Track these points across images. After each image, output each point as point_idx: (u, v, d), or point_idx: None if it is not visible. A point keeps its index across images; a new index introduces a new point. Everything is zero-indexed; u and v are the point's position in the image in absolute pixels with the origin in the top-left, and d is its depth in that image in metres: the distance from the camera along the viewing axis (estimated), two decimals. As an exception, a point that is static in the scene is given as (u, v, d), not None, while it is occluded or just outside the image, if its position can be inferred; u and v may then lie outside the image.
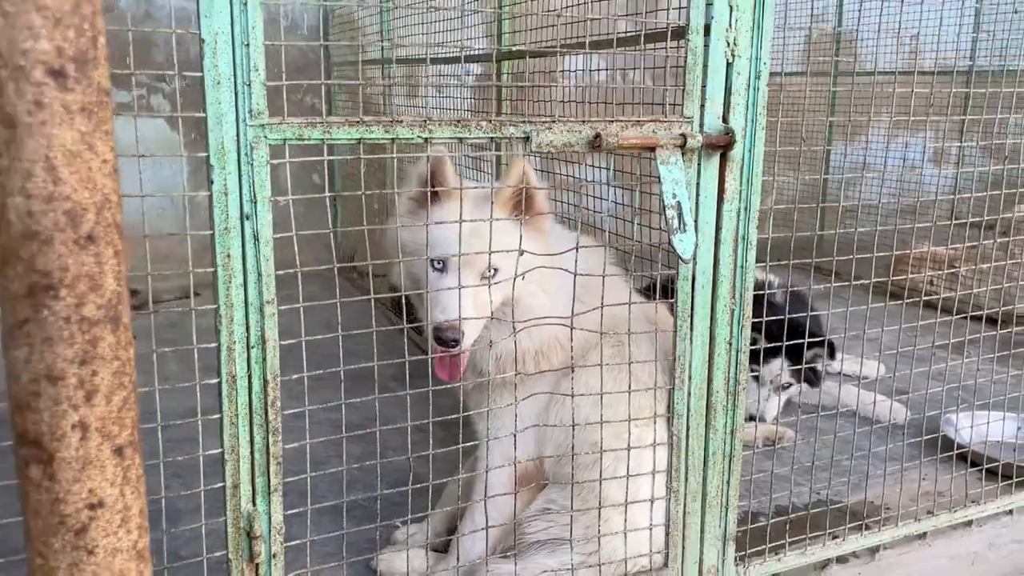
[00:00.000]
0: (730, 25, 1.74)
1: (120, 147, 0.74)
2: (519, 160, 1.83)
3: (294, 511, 1.61)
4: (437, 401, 1.76)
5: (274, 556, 1.56)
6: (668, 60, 1.76)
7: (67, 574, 0.66)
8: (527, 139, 1.60)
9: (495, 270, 1.80)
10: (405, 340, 1.73)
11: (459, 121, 1.56)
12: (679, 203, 1.70)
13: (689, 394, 1.89)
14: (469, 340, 1.78)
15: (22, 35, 0.58)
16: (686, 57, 1.73)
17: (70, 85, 0.61)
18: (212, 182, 1.39)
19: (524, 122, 1.61)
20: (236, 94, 1.39)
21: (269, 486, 1.53)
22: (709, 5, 1.72)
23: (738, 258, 1.87)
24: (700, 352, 1.88)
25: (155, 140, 4.84)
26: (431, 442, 1.77)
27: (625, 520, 1.87)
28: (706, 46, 1.74)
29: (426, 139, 1.54)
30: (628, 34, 1.92)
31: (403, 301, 3.13)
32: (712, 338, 1.89)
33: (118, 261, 0.66)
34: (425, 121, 1.53)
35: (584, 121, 1.66)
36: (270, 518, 1.54)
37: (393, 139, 1.51)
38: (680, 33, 1.75)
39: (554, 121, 1.63)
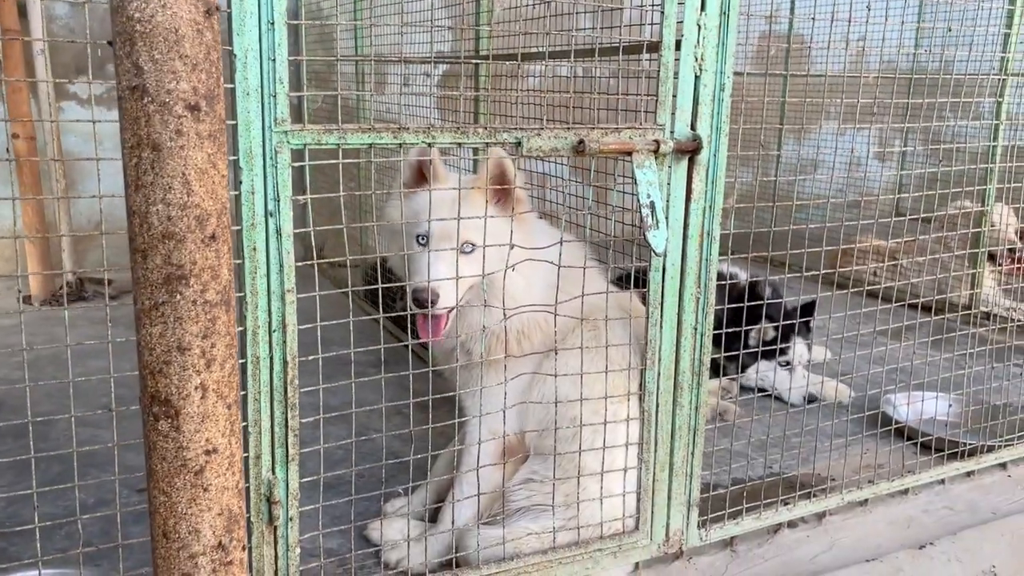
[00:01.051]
0: (698, 42, 1.95)
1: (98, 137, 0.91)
2: (495, 150, 1.99)
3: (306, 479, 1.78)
4: (416, 387, 1.93)
5: (291, 519, 1.72)
6: (643, 72, 1.96)
7: (187, 507, 0.82)
8: (519, 144, 1.78)
9: (471, 245, 2.00)
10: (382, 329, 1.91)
11: (458, 128, 1.74)
12: (653, 202, 1.90)
13: (659, 374, 2.10)
14: (445, 302, 1.97)
15: (167, 77, 0.74)
16: (659, 70, 1.92)
17: (202, 117, 0.76)
18: (241, 183, 1.55)
19: (516, 129, 1.79)
20: (263, 104, 1.54)
21: (287, 456, 1.69)
22: (680, 23, 1.92)
23: (703, 252, 2.08)
24: (669, 336, 2.09)
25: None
26: (411, 422, 1.95)
27: (601, 488, 2.07)
28: (677, 60, 1.94)
29: (430, 144, 1.71)
30: (606, 45, 2.10)
31: (379, 292, 3.32)
32: (680, 324, 2.10)
33: (231, 255, 0.82)
34: (429, 128, 1.70)
35: (569, 128, 1.85)
36: (287, 485, 1.70)
37: (400, 144, 1.68)
38: (654, 47, 1.95)
39: (543, 128, 1.81)
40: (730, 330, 2.40)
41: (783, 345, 3.62)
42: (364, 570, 2.17)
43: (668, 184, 2.00)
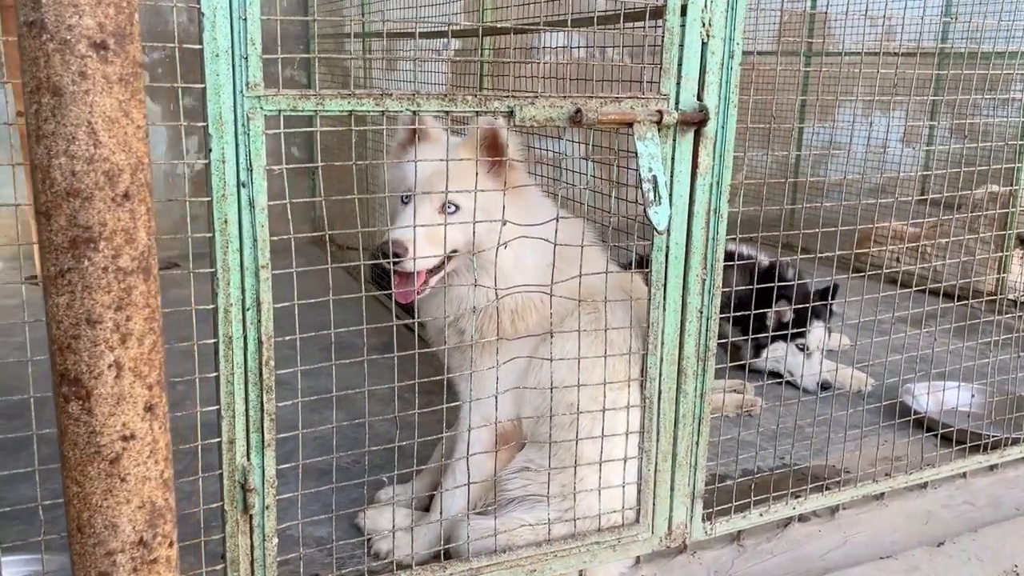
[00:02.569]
0: (706, 6, 1.82)
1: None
2: (486, 117, 1.87)
3: (284, 465, 1.69)
4: (413, 369, 1.83)
5: (267, 508, 1.64)
6: (646, 39, 1.84)
7: (102, 499, 0.74)
8: (511, 113, 1.68)
9: (454, 206, 1.89)
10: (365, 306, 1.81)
11: (445, 95, 1.63)
12: (655, 176, 1.79)
13: (661, 359, 1.99)
14: (419, 262, 1.87)
15: (68, 11, 0.64)
16: (663, 36, 1.81)
17: (110, 58, 0.67)
18: (211, 151, 1.46)
19: (508, 97, 1.68)
20: (234, 67, 1.44)
21: (263, 441, 1.60)
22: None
23: (710, 231, 1.97)
24: (672, 320, 1.98)
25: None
26: (397, 405, 1.85)
27: (599, 478, 1.97)
28: (682, 26, 1.81)
29: (414, 112, 1.61)
30: (608, 13, 1.99)
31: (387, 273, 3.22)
32: (684, 306, 1.98)
33: (149, 217, 0.73)
34: (414, 95, 1.60)
35: (565, 97, 1.73)
36: (263, 472, 1.62)
37: (383, 111, 1.58)
38: (658, 13, 1.83)
39: (536, 97, 1.70)
40: (744, 313, 2.28)
41: (800, 329, 3.51)
42: (353, 560, 2.09)
43: (672, 158, 1.88)
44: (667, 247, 1.92)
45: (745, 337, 3.31)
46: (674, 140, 1.87)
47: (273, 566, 1.67)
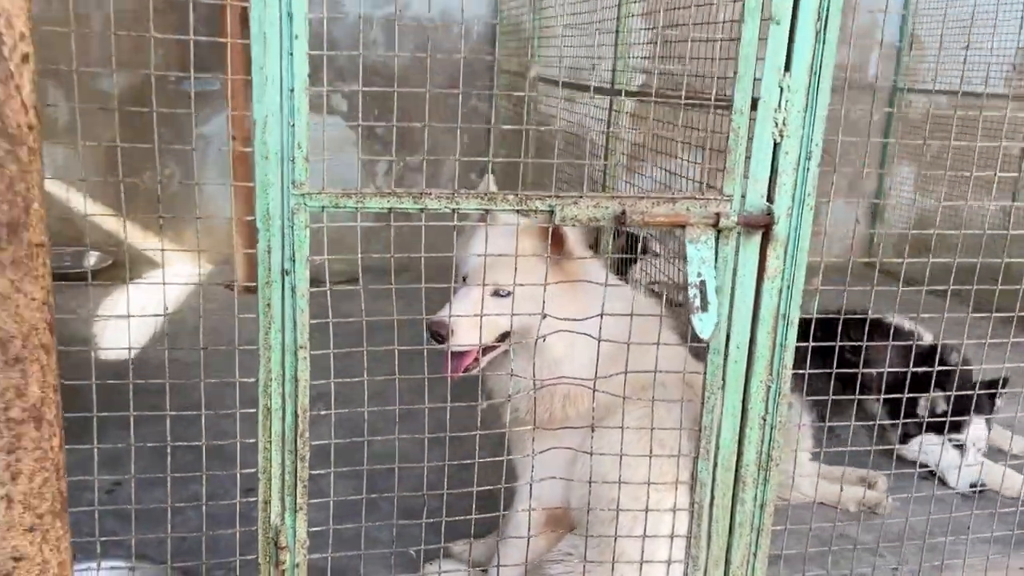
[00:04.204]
0: (779, 106, 1.73)
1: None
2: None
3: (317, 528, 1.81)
4: (476, 447, 1.88)
5: (297, 565, 1.77)
6: (710, 137, 1.78)
7: None
8: (551, 212, 1.69)
9: (508, 292, 1.92)
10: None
11: (486, 194, 1.68)
12: (703, 282, 1.73)
13: (715, 465, 1.91)
14: (460, 339, 1.91)
15: None
16: (728, 136, 1.74)
17: (3, 246, 0.80)
18: (259, 242, 1.60)
19: (549, 196, 1.70)
20: (282, 167, 1.58)
21: (296, 505, 1.73)
22: (757, 81, 1.72)
23: (777, 336, 1.86)
24: (730, 425, 1.89)
25: (333, 136, 5.28)
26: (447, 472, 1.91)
27: (640, 577, 1.93)
28: (752, 122, 1.74)
29: (454, 210, 1.67)
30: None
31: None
32: (744, 412, 1.89)
33: (44, 373, 0.85)
34: (453, 194, 1.66)
35: (613, 197, 1.72)
36: (295, 532, 1.75)
37: (422, 209, 1.65)
38: (725, 103, 1.76)
39: (580, 197, 1.70)
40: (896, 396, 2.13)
41: (958, 419, 3.18)
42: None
43: (735, 260, 1.80)
44: (726, 350, 1.85)
45: (895, 421, 3.07)
46: (737, 242, 1.79)
47: (300, 615, 1.80)
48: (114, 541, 1.98)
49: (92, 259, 5.11)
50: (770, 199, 1.78)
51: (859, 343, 2.72)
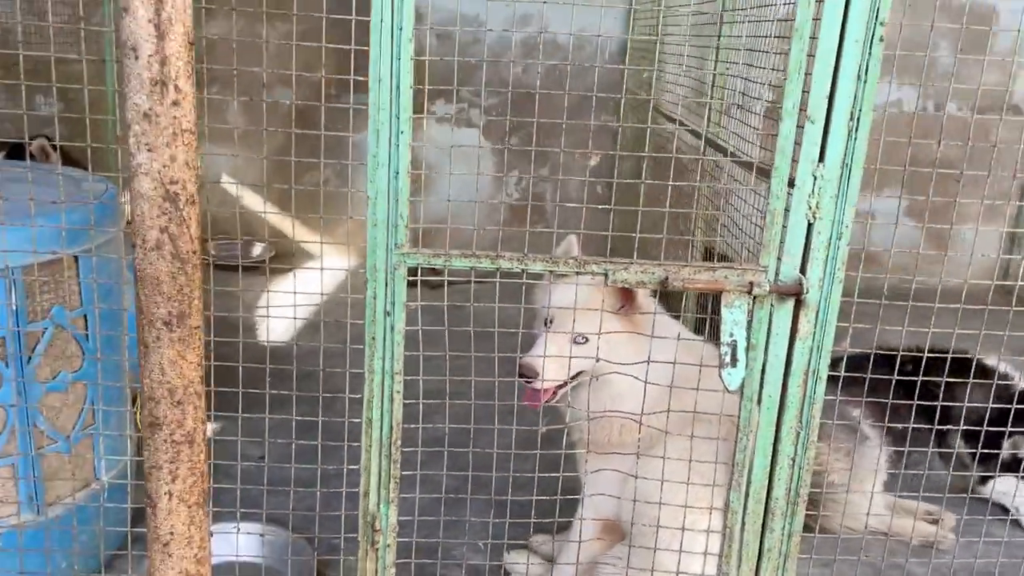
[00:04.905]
0: (812, 191, 1.97)
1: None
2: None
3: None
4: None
5: (388, 546, 2.19)
6: (750, 214, 2.04)
7: (159, 564, 1.31)
8: (606, 275, 2.01)
9: (584, 338, 2.26)
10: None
11: (550, 258, 2.02)
12: (735, 342, 2.01)
13: (747, 496, 2.18)
14: (546, 378, 2.26)
15: (152, 305, 1.20)
16: (764, 216, 2.00)
17: (174, 328, 1.22)
18: (367, 289, 2.02)
19: (604, 261, 2.02)
20: (388, 232, 1.99)
21: (389, 497, 2.16)
22: (794, 162, 1.97)
23: (807, 390, 2.11)
24: (761, 463, 2.16)
25: (467, 151, 5.73)
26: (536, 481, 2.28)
27: (674, 589, 2.24)
28: (787, 207, 1.99)
29: (523, 270, 2.03)
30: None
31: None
32: (775, 453, 2.15)
33: (196, 411, 1.27)
34: (523, 256, 2.01)
35: (659, 264, 2.02)
36: (387, 519, 2.18)
37: (497, 268, 2.02)
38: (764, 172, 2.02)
39: (631, 263, 2.02)
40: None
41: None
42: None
43: (769, 321, 2.06)
44: (760, 398, 2.11)
45: (972, 450, 3.19)
46: (771, 306, 2.05)
47: (389, 588, 2.23)
48: (253, 511, 2.50)
49: (258, 250, 5.82)
50: (803, 270, 2.03)
51: (943, 380, 2.86)
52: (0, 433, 2.20)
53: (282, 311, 2.46)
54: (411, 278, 1.93)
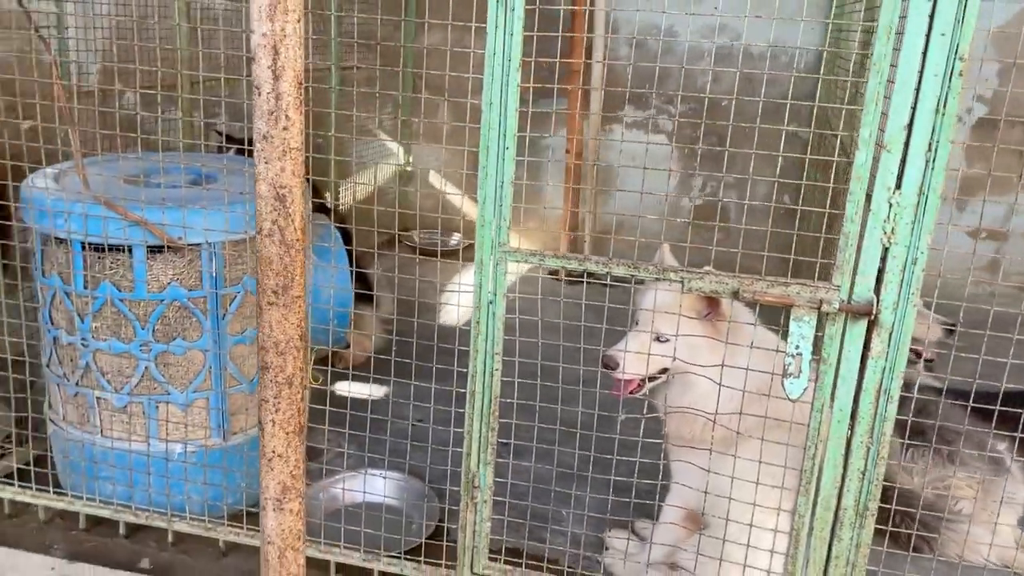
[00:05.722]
0: (888, 217, 2.05)
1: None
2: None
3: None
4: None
5: (484, 501, 2.53)
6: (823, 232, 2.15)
7: (264, 476, 1.73)
8: (682, 282, 2.21)
9: (666, 337, 2.45)
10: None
11: (632, 264, 2.26)
12: (800, 354, 2.13)
13: (815, 503, 2.29)
14: (627, 369, 2.49)
15: (264, 278, 1.62)
16: (839, 239, 2.10)
17: (280, 296, 1.62)
18: (475, 279, 2.36)
19: (682, 271, 2.22)
20: (495, 231, 2.32)
21: (486, 459, 2.50)
22: (869, 195, 2.06)
23: (879, 408, 2.18)
24: (831, 474, 2.26)
25: (656, 152, 5.93)
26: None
27: (742, 578, 2.39)
28: (862, 230, 2.08)
29: (607, 272, 2.28)
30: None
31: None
32: (846, 466, 2.24)
33: (296, 360, 1.67)
34: (608, 260, 2.26)
35: (734, 276, 2.19)
36: (484, 478, 2.51)
37: (584, 270, 2.29)
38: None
39: (707, 272, 2.20)
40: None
41: None
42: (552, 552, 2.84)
43: (841, 338, 2.16)
44: (831, 410, 2.22)
45: None
46: (844, 324, 2.15)
47: (484, 535, 2.56)
48: (399, 462, 2.95)
49: (454, 239, 6.38)
50: (877, 292, 2.11)
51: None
52: (199, 372, 2.79)
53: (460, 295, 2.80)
54: (571, 278, 2.21)
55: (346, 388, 3.72)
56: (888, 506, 2.50)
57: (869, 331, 2.14)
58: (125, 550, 2.78)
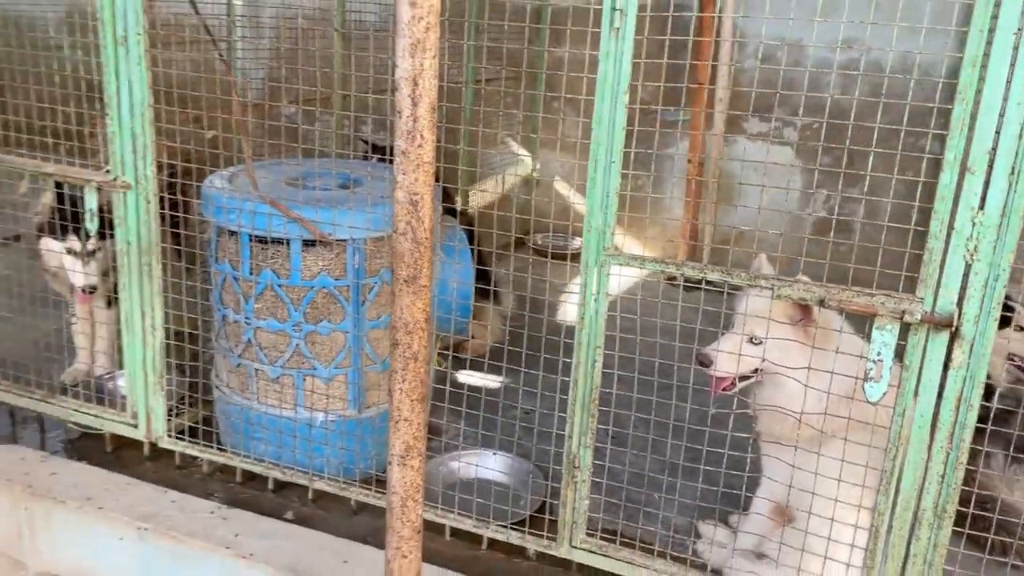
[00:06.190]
0: (971, 236, 2.18)
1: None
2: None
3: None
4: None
5: (583, 481, 2.79)
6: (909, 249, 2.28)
7: (391, 436, 2.06)
8: (772, 288, 2.40)
9: (759, 339, 2.63)
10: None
11: (726, 270, 2.46)
12: (881, 360, 2.28)
13: (895, 503, 2.42)
14: (719, 367, 2.68)
15: (398, 267, 1.95)
16: (923, 254, 2.24)
17: (409, 285, 1.94)
18: (581, 278, 2.63)
19: (773, 279, 2.41)
20: (601, 236, 2.57)
21: (586, 443, 2.76)
22: (954, 210, 2.19)
23: (959, 416, 2.30)
24: (911, 476, 2.39)
25: (781, 163, 5.99)
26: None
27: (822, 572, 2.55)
28: (946, 248, 2.21)
29: (702, 277, 2.49)
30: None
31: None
32: (926, 470, 2.37)
33: (421, 340, 1.99)
34: (704, 266, 2.48)
35: (821, 285, 2.36)
36: (583, 459, 2.78)
37: (682, 274, 2.51)
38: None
39: (796, 281, 2.39)
40: None
41: None
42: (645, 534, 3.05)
43: (923, 347, 2.29)
44: (912, 415, 2.35)
45: None
46: (927, 334, 2.28)
47: (583, 512, 2.82)
48: (510, 443, 3.26)
49: (576, 243, 6.65)
50: (960, 305, 2.23)
51: None
52: (341, 351, 3.19)
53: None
54: (691, 284, 2.41)
55: (467, 376, 4.08)
56: (988, 515, 2.58)
57: (951, 342, 2.27)
58: (272, 502, 3.21)
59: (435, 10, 1.75)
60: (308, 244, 3.05)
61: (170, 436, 3.37)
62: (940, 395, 2.32)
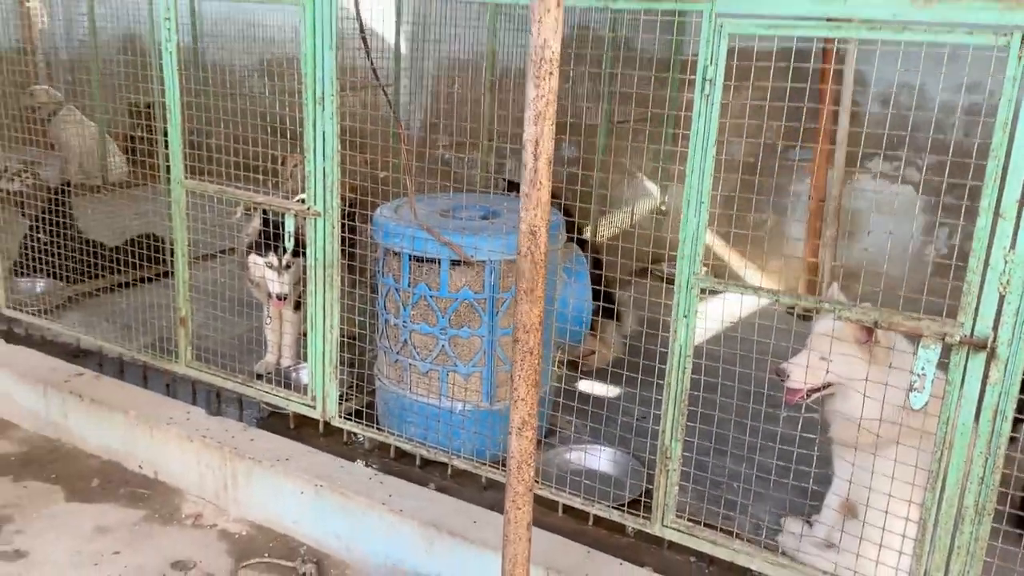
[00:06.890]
0: (1004, 271, 2.57)
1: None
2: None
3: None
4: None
5: (674, 470, 3.31)
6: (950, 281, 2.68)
7: (513, 411, 2.66)
8: (834, 310, 2.85)
9: (828, 358, 3.06)
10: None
11: (800, 295, 2.93)
12: (925, 375, 2.69)
13: (940, 501, 2.80)
14: (794, 380, 3.12)
15: (520, 281, 2.55)
16: (962, 286, 2.64)
17: (528, 295, 2.54)
18: (674, 298, 3.17)
19: (836, 302, 2.86)
20: (691, 263, 3.11)
21: (676, 437, 3.27)
22: (989, 246, 2.58)
23: (995, 426, 2.67)
24: (954, 477, 2.76)
25: (902, 202, 6.22)
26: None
27: (877, 558, 2.94)
28: (982, 281, 2.60)
29: (777, 300, 2.97)
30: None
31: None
32: (968, 474, 2.74)
33: (538, 336, 2.58)
34: (779, 291, 2.96)
35: (876, 309, 2.79)
36: (674, 451, 3.29)
37: (755, 290, 3.00)
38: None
39: (855, 305, 2.83)
40: None
41: None
42: (726, 521, 3.50)
43: (964, 365, 2.68)
44: (955, 423, 2.73)
45: None
46: (967, 354, 2.67)
47: (673, 495, 3.33)
48: (607, 436, 3.81)
49: (702, 271, 7.11)
50: (995, 329, 2.62)
51: None
52: (477, 352, 3.85)
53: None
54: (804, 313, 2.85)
55: (588, 385, 4.65)
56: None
57: (988, 361, 2.65)
58: (418, 475, 3.90)
59: (553, 90, 2.36)
60: (455, 263, 3.74)
61: (340, 417, 4.14)
62: (979, 407, 2.70)
